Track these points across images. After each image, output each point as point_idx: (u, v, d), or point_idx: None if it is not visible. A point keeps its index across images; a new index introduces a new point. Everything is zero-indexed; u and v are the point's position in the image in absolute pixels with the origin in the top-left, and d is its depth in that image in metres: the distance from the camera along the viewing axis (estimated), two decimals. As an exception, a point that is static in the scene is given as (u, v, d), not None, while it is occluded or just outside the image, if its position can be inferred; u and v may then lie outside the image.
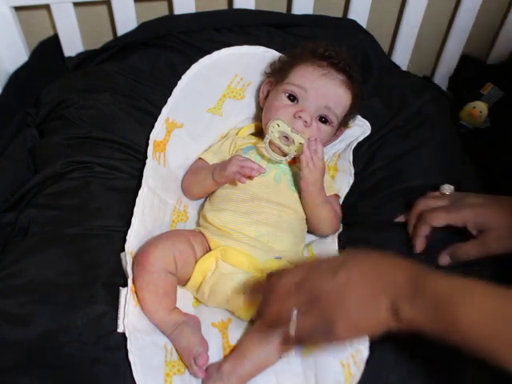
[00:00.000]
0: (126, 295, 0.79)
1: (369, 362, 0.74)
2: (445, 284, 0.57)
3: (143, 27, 1.18)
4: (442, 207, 0.87)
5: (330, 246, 0.94)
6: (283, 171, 0.97)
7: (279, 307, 0.69)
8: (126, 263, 0.82)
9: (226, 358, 0.78)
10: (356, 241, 0.94)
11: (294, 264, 0.75)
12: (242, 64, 1.10)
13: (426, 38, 1.37)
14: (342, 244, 0.94)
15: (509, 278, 0.58)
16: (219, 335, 0.82)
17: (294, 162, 0.96)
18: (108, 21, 1.24)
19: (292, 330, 0.66)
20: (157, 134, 1.00)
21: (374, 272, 0.62)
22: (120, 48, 1.16)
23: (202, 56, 1.08)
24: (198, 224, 0.98)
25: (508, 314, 0.53)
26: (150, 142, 0.99)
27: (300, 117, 0.93)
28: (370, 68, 1.19)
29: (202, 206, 1.00)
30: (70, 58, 1.22)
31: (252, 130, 1.08)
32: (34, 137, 1.04)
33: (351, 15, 1.26)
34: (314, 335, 0.66)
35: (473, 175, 1.04)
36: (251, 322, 0.84)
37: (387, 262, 0.63)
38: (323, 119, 0.96)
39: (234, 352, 0.78)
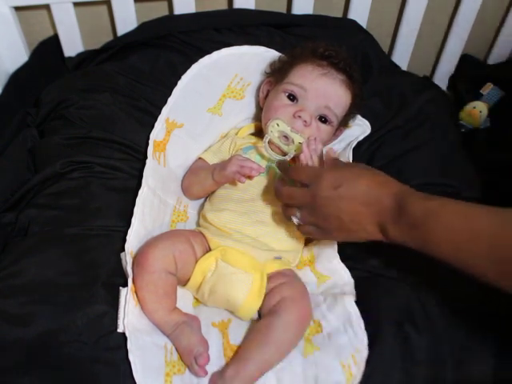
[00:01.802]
0: (126, 295, 0.79)
1: (369, 362, 0.74)
2: (421, 206, 0.65)
3: (143, 27, 1.18)
4: None
5: (329, 245, 0.94)
6: (283, 171, 0.97)
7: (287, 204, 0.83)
8: (126, 263, 0.82)
9: (228, 363, 0.77)
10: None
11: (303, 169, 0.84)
12: (241, 64, 1.10)
13: (425, 37, 1.38)
14: (342, 243, 0.94)
15: None
16: (219, 335, 0.82)
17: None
18: (108, 21, 1.24)
19: (296, 221, 0.82)
20: (157, 133, 1.00)
21: (365, 193, 0.71)
22: (120, 48, 1.16)
23: (201, 56, 1.09)
24: (197, 224, 0.98)
25: (472, 230, 0.60)
26: (150, 141, 0.99)
27: (300, 116, 0.93)
28: (369, 68, 1.19)
29: (201, 206, 1.00)
30: (69, 58, 1.22)
31: (252, 129, 1.08)
32: (34, 137, 1.04)
33: (351, 15, 1.26)
34: (313, 231, 0.80)
35: (473, 175, 1.04)
36: (252, 321, 0.84)
37: (378, 184, 0.72)
38: (323, 119, 0.96)
39: (235, 357, 0.78)
